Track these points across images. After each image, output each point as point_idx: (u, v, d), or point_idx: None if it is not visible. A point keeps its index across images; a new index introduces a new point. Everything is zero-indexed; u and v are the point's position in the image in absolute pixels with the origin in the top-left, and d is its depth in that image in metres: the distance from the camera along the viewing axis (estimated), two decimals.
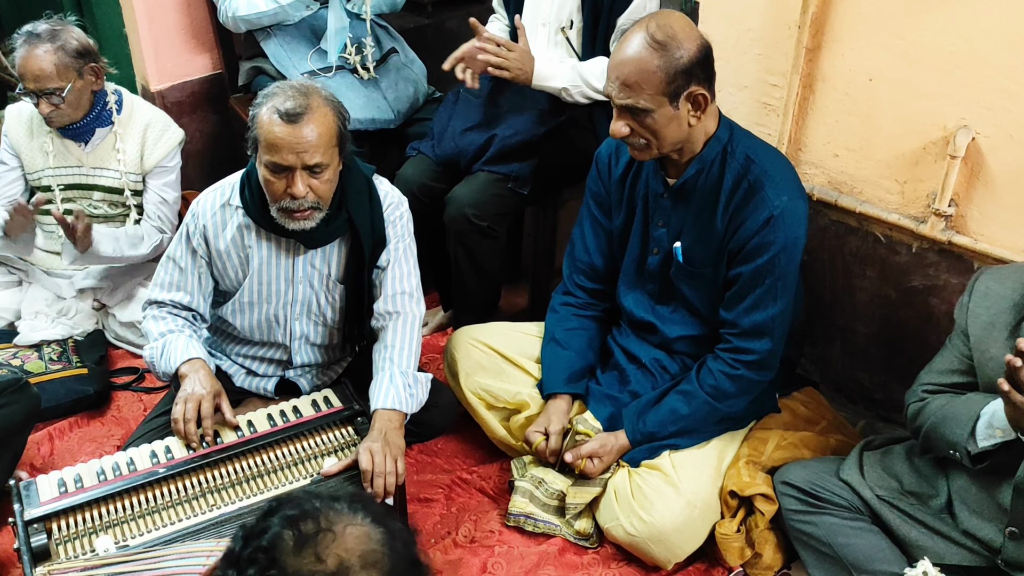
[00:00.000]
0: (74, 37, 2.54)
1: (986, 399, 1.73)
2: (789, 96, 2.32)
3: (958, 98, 2.06)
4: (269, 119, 1.89)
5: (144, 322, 2.18)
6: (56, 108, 2.54)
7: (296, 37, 2.97)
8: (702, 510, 2.07)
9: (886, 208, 2.28)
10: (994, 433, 1.69)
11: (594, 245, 2.31)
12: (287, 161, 1.89)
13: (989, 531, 1.77)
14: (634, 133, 1.97)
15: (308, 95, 1.91)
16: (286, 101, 1.88)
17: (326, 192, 1.96)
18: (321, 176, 1.93)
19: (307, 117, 1.88)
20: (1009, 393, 1.56)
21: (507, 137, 2.59)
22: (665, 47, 1.89)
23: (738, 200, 2.03)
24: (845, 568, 1.92)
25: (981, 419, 1.71)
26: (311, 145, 1.89)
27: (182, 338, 2.10)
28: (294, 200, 1.93)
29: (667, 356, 2.25)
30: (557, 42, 2.57)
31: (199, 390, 2.00)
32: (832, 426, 2.32)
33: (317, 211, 1.98)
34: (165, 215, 2.80)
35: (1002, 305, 1.76)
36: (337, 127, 1.95)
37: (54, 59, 2.49)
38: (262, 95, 1.94)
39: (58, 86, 2.51)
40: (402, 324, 2.13)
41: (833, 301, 2.51)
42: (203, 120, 3.44)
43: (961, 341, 1.84)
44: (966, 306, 1.82)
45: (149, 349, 2.12)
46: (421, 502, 2.30)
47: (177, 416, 1.97)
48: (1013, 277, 1.79)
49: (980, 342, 1.78)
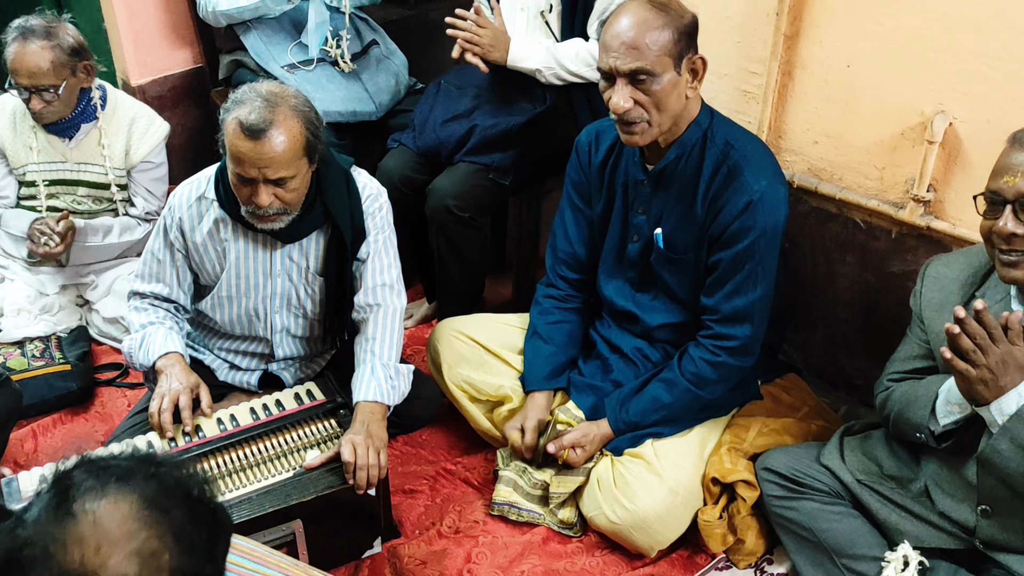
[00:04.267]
0: (69, 35, 2.53)
1: (944, 380, 1.76)
2: (768, 83, 2.33)
3: (935, 83, 2.07)
4: (233, 130, 1.86)
5: (127, 313, 2.19)
6: (47, 104, 2.53)
7: (276, 30, 2.96)
8: (685, 497, 2.08)
9: (865, 194, 2.29)
10: (952, 409, 1.72)
11: (575, 234, 2.31)
12: (249, 175, 1.88)
13: (963, 512, 1.78)
14: (637, 106, 1.93)
15: (275, 106, 1.87)
16: (251, 113, 1.85)
17: (293, 199, 1.95)
18: (287, 186, 1.91)
19: (270, 132, 1.84)
20: (951, 361, 1.60)
21: (488, 127, 2.59)
22: (667, 8, 1.90)
23: (718, 185, 2.03)
24: (826, 553, 1.93)
25: (939, 397, 1.75)
26: (273, 161, 1.86)
27: (161, 331, 2.10)
28: (259, 208, 1.92)
29: (648, 345, 2.25)
30: (536, 26, 2.57)
31: (175, 385, 2.01)
32: (814, 412, 2.33)
33: (285, 215, 1.97)
34: (155, 209, 2.80)
35: (951, 287, 1.82)
36: (304, 138, 1.90)
37: (50, 56, 2.48)
38: (232, 100, 1.91)
39: (53, 84, 2.50)
40: (383, 316, 2.13)
41: (814, 288, 2.52)
42: (184, 114, 3.43)
43: (919, 327, 1.88)
44: (919, 292, 1.88)
45: (128, 340, 2.12)
46: (406, 493, 2.30)
47: (153, 410, 1.98)
48: (959, 260, 1.85)
49: (934, 324, 1.82)
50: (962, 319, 1.57)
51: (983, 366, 1.58)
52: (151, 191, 2.80)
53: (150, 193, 2.80)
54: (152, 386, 2.11)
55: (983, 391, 1.61)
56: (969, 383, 1.61)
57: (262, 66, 2.91)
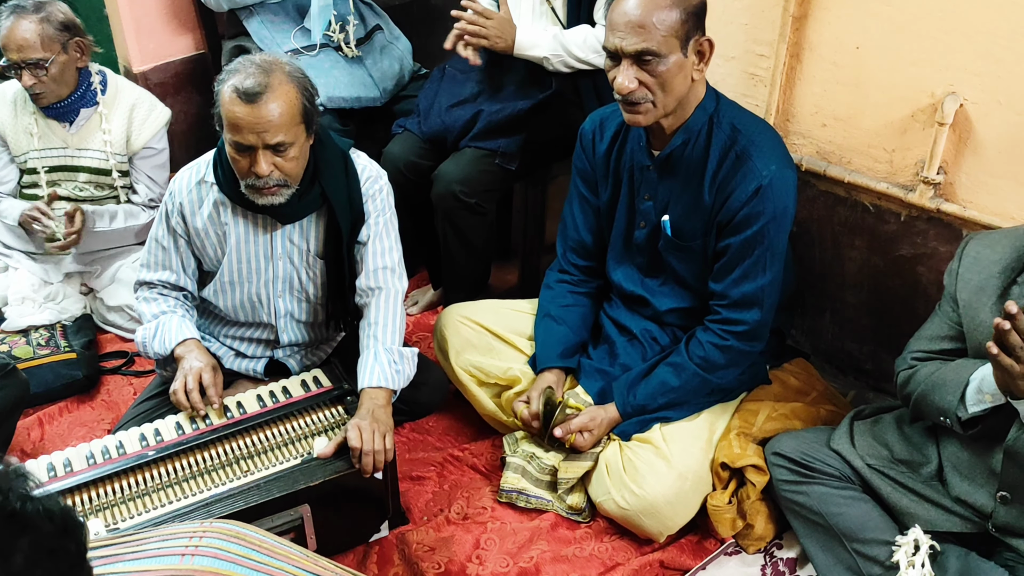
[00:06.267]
0: (60, 10, 2.55)
1: (975, 365, 1.72)
2: (776, 66, 2.31)
3: (945, 64, 2.05)
4: (229, 98, 1.85)
5: (136, 304, 2.19)
6: (39, 81, 2.53)
7: (279, 15, 2.94)
8: (693, 482, 2.08)
9: (875, 177, 2.27)
10: (984, 398, 1.69)
11: (583, 223, 2.30)
12: (248, 141, 1.87)
13: (980, 496, 1.77)
14: (642, 87, 1.91)
15: (269, 72, 1.86)
16: (246, 79, 1.84)
17: (292, 169, 1.94)
18: (286, 154, 1.90)
19: (267, 96, 1.84)
20: (998, 356, 1.56)
21: (493, 112, 2.57)
22: None
23: (725, 171, 2.01)
24: (836, 537, 1.92)
25: (971, 385, 1.71)
26: (271, 124, 1.85)
27: (175, 319, 2.10)
28: (259, 178, 1.91)
29: (658, 328, 2.24)
30: (542, 12, 2.54)
31: (196, 364, 2.02)
32: (823, 396, 2.32)
33: (285, 188, 1.96)
34: (158, 196, 2.80)
35: (991, 270, 1.75)
36: (301, 103, 1.90)
37: (38, 29, 2.49)
38: (225, 71, 1.90)
39: (42, 57, 2.50)
40: (384, 300, 2.11)
41: (823, 272, 2.50)
42: (187, 101, 3.41)
43: (950, 307, 1.83)
44: (956, 272, 1.81)
45: (141, 331, 2.12)
46: (413, 480, 2.30)
47: (177, 388, 1.99)
48: (1002, 242, 1.78)
49: (969, 307, 1.77)
50: (1014, 315, 1.53)
51: None
52: (153, 178, 2.79)
53: (152, 180, 2.79)
54: (165, 373, 2.11)
55: (1023, 385, 1.58)
56: (1011, 378, 1.57)
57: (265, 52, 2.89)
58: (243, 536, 1.18)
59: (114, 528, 1.79)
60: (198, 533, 1.15)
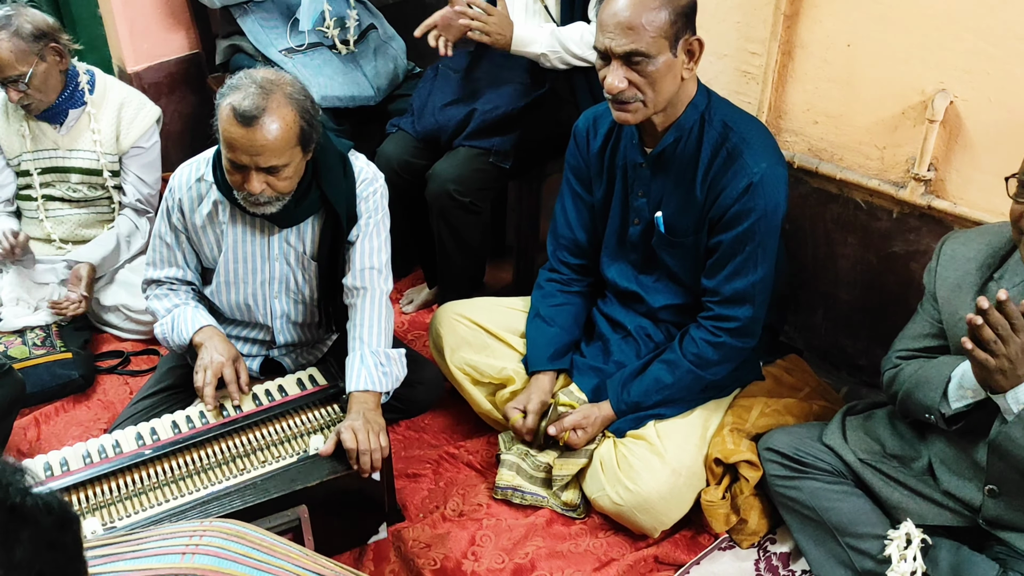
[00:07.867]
0: (27, 20, 2.48)
1: (957, 361, 1.75)
2: (768, 63, 2.32)
3: (936, 62, 2.06)
4: (227, 116, 1.85)
5: (148, 303, 2.20)
6: (24, 95, 2.52)
7: (274, 14, 2.95)
8: (687, 478, 2.09)
9: (866, 174, 2.29)
10: (965, 394, 1.71)
11: (576, 220, 2.31)
12: (242, 161, 1.87)
13: (969, 491, 1.79)
14: (631, 87, 1.92)
15: (269, 93, 1.85)
16: (244, 100, 1.83)
17: (285, 188, 1.94)
18: (279, 175, 1.90)
19: (263, 120, 1.83)
20: (973, 351, 1.58)
21: (487, 111, 2.58)
22: None
23: (717, 168, 2.02)
24: (829, 531, 1.94)
25: (952, 381, 1.73)
26: (266, 149, 1.85)
27: (188, 310, 2.12)
28: (251, 195, 1.92)
29: (652, 325, 2.25)
30: (536, 11, 2.55)
31: (217, 358, 2.03)
32: (816, 392, 2.34)
33: (277, 201, 1.96)
34: (146, 197, 2.79)
35: (968, 267, 1.78)
36: (299, 127, 1.88)
37: (10, 46, 2.45)
38: (228, 85, 1.90)
39: (20, 73, 2.48)
40: (370, 301, 2.11)
41: (815, 268, 2.52)
42: (181, 101, 3.41)
43: (931, 305, 1.86)
44: (934, 270, 1.84)
45: (160, 327, 2.15)
46: (409, 477, 2.31)
47: (200, 384, 2.00)
48: (977, 239, 1.81)
49: (948, 304, 1.80)
50: (986, 310, 1.55)
51: (1003, 356, 1.57)
52: (141, 177, 2.78)
53: (140, 179, 2.78)
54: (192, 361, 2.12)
55: (1000, 380, 1.60)
56: (988, 372, 1.60)
57: (260, 50, 2.89)
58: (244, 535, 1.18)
59: (111, 527, 1.80)
60: (199, 532, 1.15)
